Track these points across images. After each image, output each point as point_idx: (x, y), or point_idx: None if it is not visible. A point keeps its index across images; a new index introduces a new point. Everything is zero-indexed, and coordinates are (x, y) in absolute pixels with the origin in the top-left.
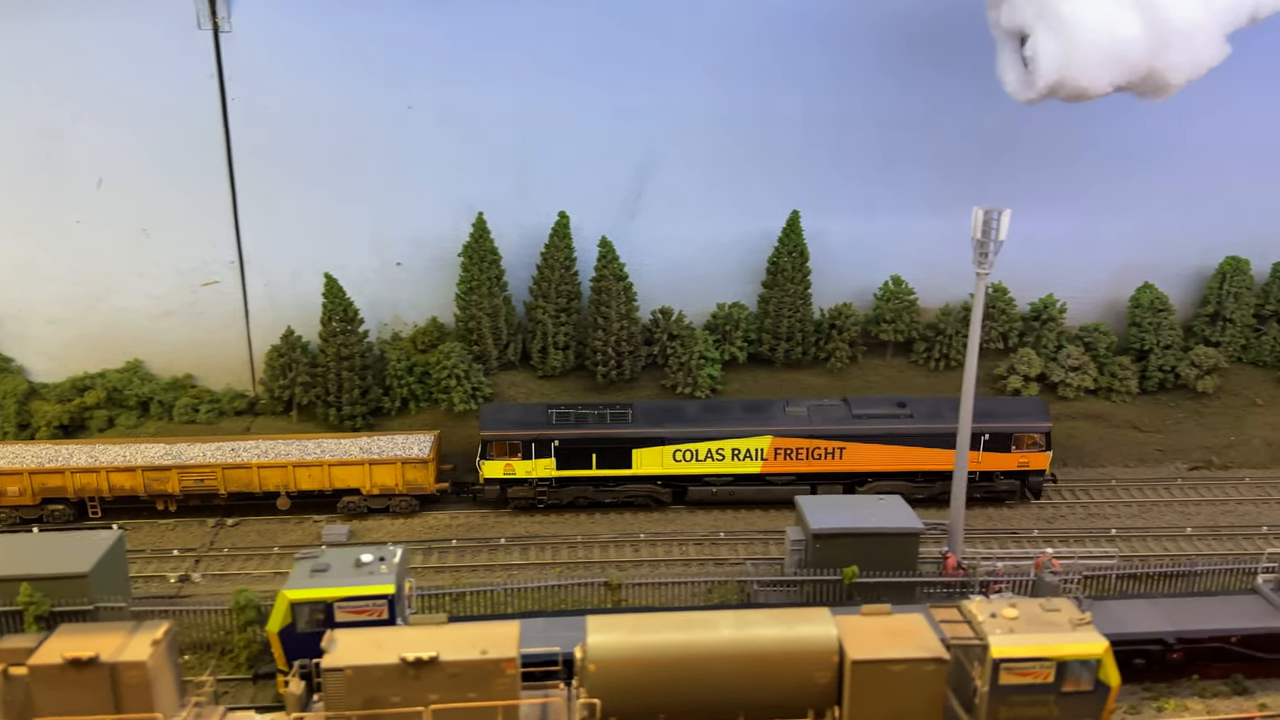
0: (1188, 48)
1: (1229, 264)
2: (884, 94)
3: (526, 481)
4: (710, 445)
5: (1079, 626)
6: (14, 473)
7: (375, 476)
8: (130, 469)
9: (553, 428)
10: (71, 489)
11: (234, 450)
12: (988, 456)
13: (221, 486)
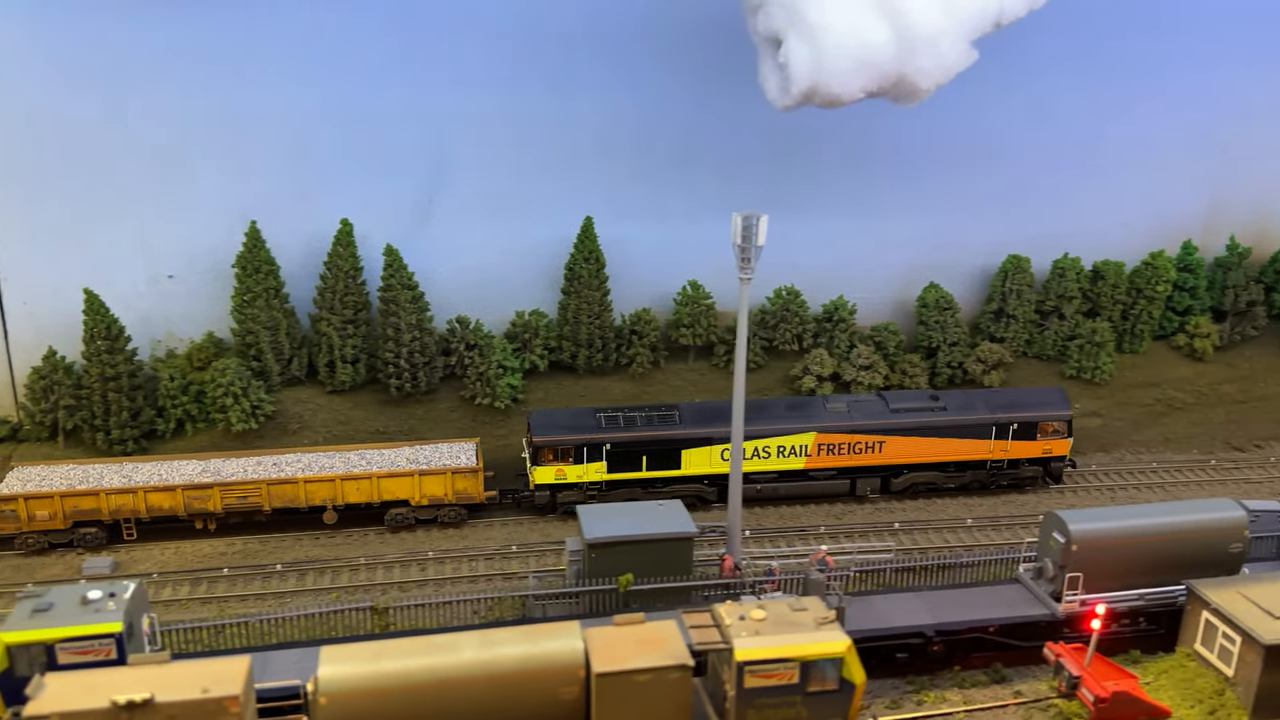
0: (934, 53)
1: (1010, 262)
2: (676, 100)
3: (577, 486)
4: (757, 443)
5: (824, 625)
6: (44, 496)
7: (424, 487)
8: (170, 488)
9: (604, 431)
10: (106, 510)
11: (276, 465)
12: (1016, 445)
13: (265, 503)
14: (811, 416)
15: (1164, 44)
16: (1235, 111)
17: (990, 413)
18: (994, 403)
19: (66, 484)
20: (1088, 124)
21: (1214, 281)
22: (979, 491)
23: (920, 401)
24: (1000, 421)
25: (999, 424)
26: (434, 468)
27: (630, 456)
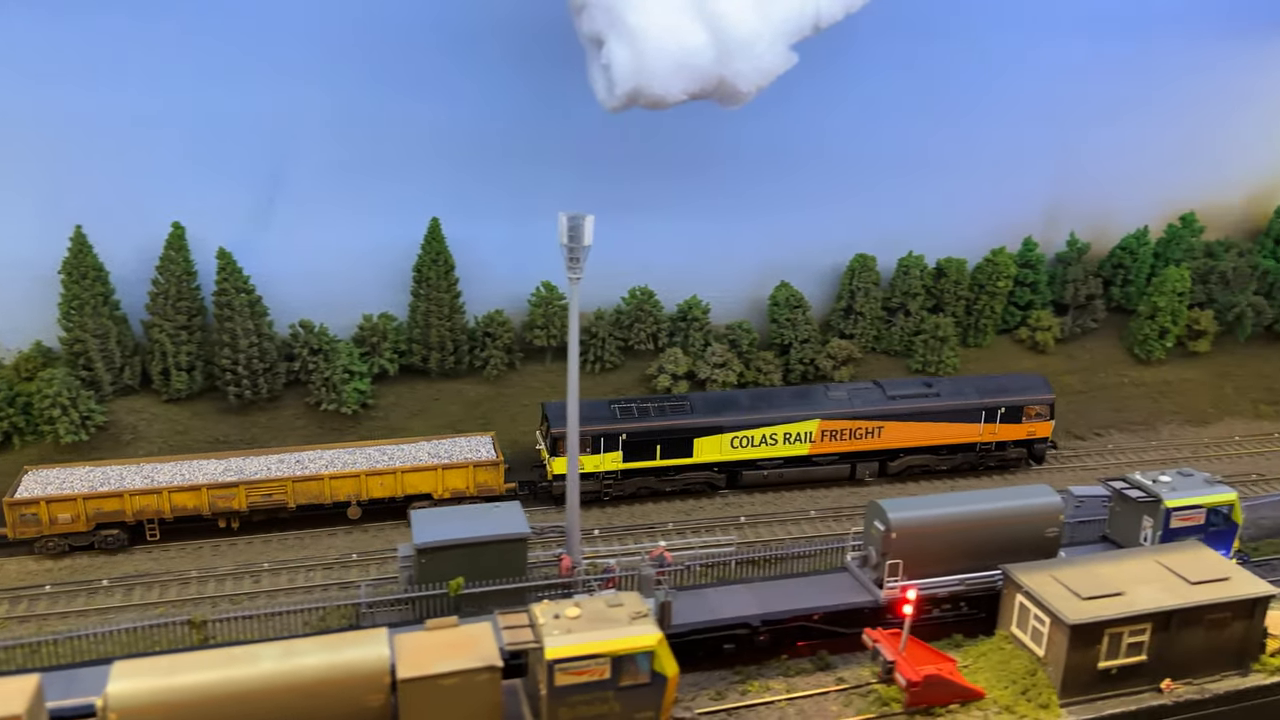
0: (751, 56)
1: (857, 261)
2: (525, 99)
3: (594, 475)
4: (765, 431)
5: (637, 620)
6: (66, 498)
7: (447, 481)
8: (195, 488)
9: (620, 422)
10: (130, 512)
11: (299, 462)
12: (1003, 428)
13: (290, 500)
14: (815, 404)
15: (1007, 47)
16: (1076, 112)
17: (980, 398)
18: (982, 388)
19: (88, 486)
20: (933, 125)
21: (1055, 276)
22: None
23: (915, 389)
24: (989, 406)
25: (988, 408)
26: (456, 461)
27: (645, 446)
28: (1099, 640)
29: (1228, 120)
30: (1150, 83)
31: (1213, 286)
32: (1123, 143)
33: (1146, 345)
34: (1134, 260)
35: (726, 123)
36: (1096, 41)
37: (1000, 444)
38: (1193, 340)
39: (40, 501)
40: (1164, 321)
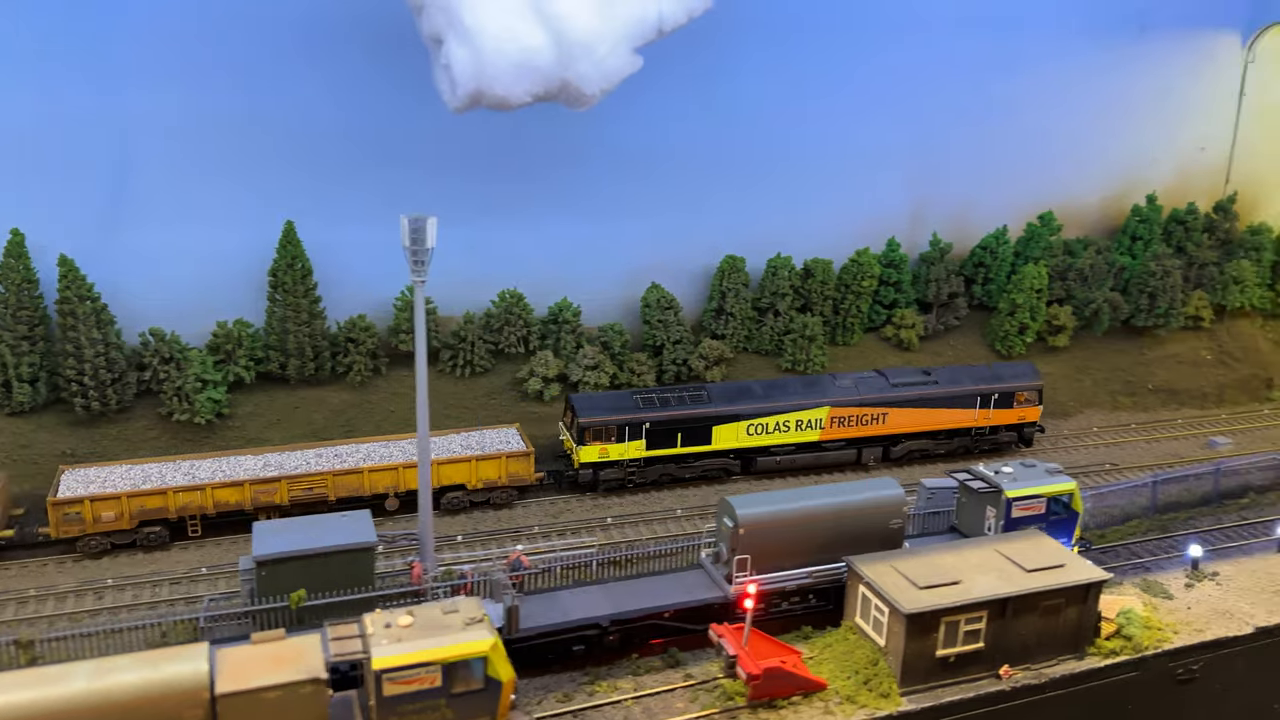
0: (592, 58)
1: (727, 263)
2: (384, 100)
3: (618, 464)
4: (778, 418)
5: (471, 626)
6: (110, 497)
7: (480, 471)
8: (238, 484)
9: (642, 411)
10: (173, 509)
11: (338, 455)
12: (996, 413)
13: (331, 493)
14: (824, 392)
15: (871, 49)
16: (938, 113)
17: (975, 385)
18: (976, 376)
19: (130, 484)
20: (801, 128)
21: (919, 276)
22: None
23: (915, 377)
24: (984, 392)
25: (982, 394)
26: (489, 453)
27: (667, 434)
28: (936, 629)
29: (1086, 121)
30: (1010, 84)
31: (1071, 283)
32: (984, 143)
33: (1007, 341)
34: (994, 259)
35: (596, 124)
36: (958, 42)
37: (994, 428)
38: (1052, 335)
39: (85, 500)
40: (1023, 318)
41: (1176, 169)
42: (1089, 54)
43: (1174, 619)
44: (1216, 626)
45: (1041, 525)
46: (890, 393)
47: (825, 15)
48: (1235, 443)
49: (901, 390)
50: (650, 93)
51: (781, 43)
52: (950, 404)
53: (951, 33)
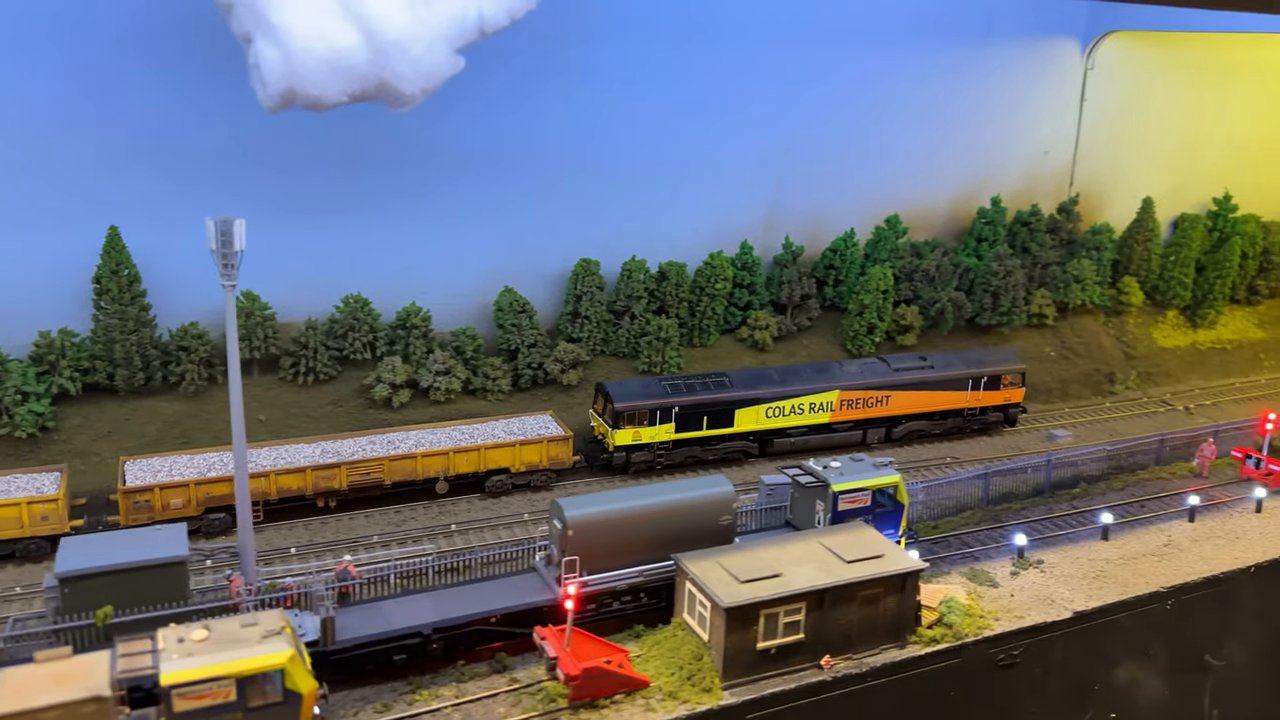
0: (408, 58)
1: (581, 266)
2: (214, 101)
3: (649, 446)
4: (793, 402)
5: (268, 639)
6: (178, 485)
7: (523, 455)
8: (300, 470)
9: (671, 396)
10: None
11: (390, 442)
12: (985, 395)
13: (386, 478)
14: (834, 378)
15: (719, 57)
16: (789, 120)
17: (966, 369)
18: (967, 361)
19: (196, 472)
20: (657, 131)
21: (773, 278)
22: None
23: (914, 362)
24: (974, 376)
25: (973, 378)
26: (532, 437)
27: (694, 417)
28: (755, 621)
29: (934, 127)
30: (861, 90)
31: (918, 283)
32: (836, 149)
33: (857, 340)
34: (843, 261)
35: (444, 125)
36: (808, 48)
37: (983, 409)
38: (901, 334)
39: (154, 489)
40: (871, 318)
41: (1022, 172)
42: (936, 61)
43: (997, 606)
44: (1037, 612)
45: (868, 518)
46: (892, 377)
47: (676, 18)
48: (1075, 435)
49: (902, 375)
50: (500, 94)
51: (633, 45)
52: (945, 387)
53: (802, 39)
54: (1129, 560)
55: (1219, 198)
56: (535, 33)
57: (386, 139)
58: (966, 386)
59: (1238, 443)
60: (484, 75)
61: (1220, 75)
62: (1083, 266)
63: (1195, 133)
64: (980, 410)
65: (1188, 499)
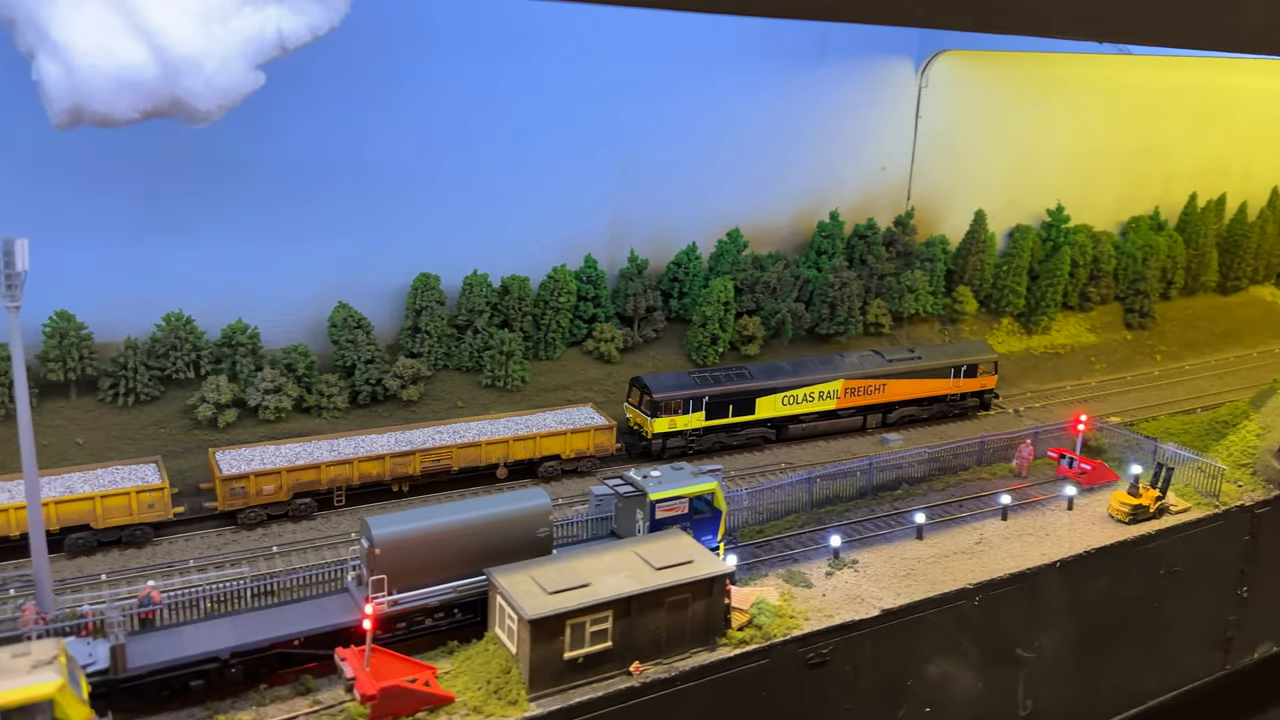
0: (201, 75)
1: (420, 281)
2: (15, 110)
3: (682, 433)
4: (805, 390)
5: (37, 669)
6: (271, 472)
7: (573, 443)
8: (379, 457)
9: (701, 388)
10: (324, 481)
11: (456, 432)
12: (964, 382)
13: (454, 464)
14: (838, 368)
15: (563, 72)
16: (632, 137)
17: (948, 359)
18: (948, 352)
19: (286, 461)
20: (500, 146)
21: (619, 291)
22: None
23: (904, 354)
24: (955, 365)
25: (955, 366)
26: (580, 426)
27: (721, 406)
28: (561, 632)
29: (775, 143)
30: (703, 107)
31: (759, 295)
32: (680, 164)
33: (702, 351)
34: (687, 274)
35: (268, 140)
36: (649, 65)
37: (963, 395)
38: (745, 345)
39: (250, 476)
40: (714, 329)
41: (860, 187)
42: (773, 81)
43: (808, 606)
44: (846, 611)
45: (686, 525)
46: (886, 367)
47: (514, 34)
48: (906, 438)
49: (895, 365)
50: (331, 109)
51: (472, 60)
52: (931, 375)
53: (643, 58)
54: (940, 558)
55: (1052, 209)
56: (370, 47)
57: (211, 156)
58: (949, 374)
59: (1055, 443)
60: (313, 91)
61: (1052, 91)
62: (916, 277)
63: (1029, 147)
64: (960, 396)
65: (1000, 498)
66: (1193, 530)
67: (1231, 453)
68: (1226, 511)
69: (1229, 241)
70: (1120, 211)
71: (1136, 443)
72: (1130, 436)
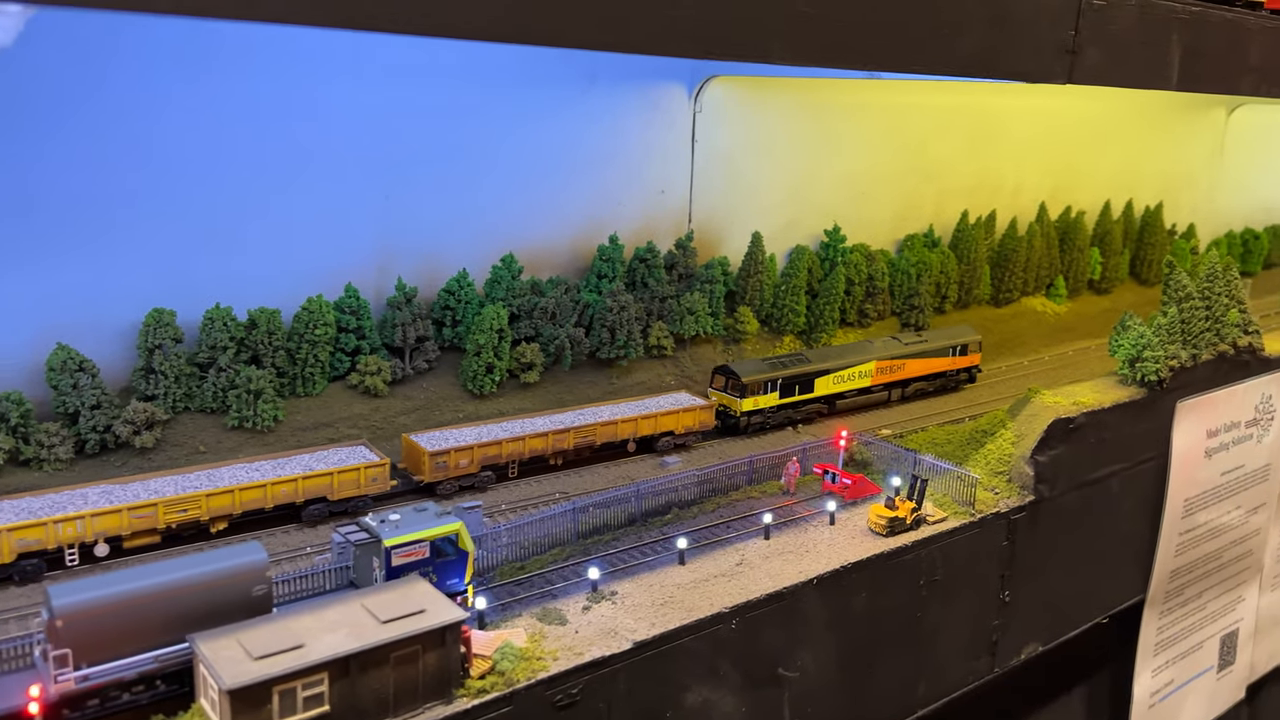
0: None
1: (152, 317)
2: None
3: (761, 411)
4: (849, 370)
5: None
6: (465, 449)
7: (683, 420)
8: (544, 435)
9: (774, 371)
10: (505, 455)
11: (595, 415)
12: (959, 360)
13: (597, 440)
14: (870, 352)
15: (316, 94)
16: (401, 160)
17: (948, 340)
18: (946, 335)
19: (475, 439)
20: (239, 174)
21: (386, 320)
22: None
23: (915, 338)
24: (954, 345)
25: (953, 346)
26: (686, 406)
27: (790, 387)
28: (268, 700)
29: (552, 168)
30: (475, 132)
31: (538, 321)
32: (453, 191)
33: (478, 381)
34: (459, 301)
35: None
36: (415, 90)
37: (958, 370)
38: (524, 372)
39: (450, 451)
40: (488, 357)
41: (641, 211)
42: (543, 106)
43: (559, 645)
44: (599, 646)
45: (429, 569)
46: (904, 349)
47: (254, 55)
48: (686, 459)
49: (910, 347)
50: (32, 131)
51: (205, 79)
52: (936, 355)
53: (407, 77)
54: (700, 583)
55: (829, 229)
56: (83, 70)
57: None
58: (949, 354)
59: (822, 459)
60: (13, 113)
61: (826, 115)
62: (695, 299)
63: (806, 169)
64: (956, 371)
65: (764, 517)
66: (950, 539)
67: (989, 461)
68: (983, 519)
69: (1000, 255)
70: (896, 230)
71: (899, 455)
72: (892, 449)
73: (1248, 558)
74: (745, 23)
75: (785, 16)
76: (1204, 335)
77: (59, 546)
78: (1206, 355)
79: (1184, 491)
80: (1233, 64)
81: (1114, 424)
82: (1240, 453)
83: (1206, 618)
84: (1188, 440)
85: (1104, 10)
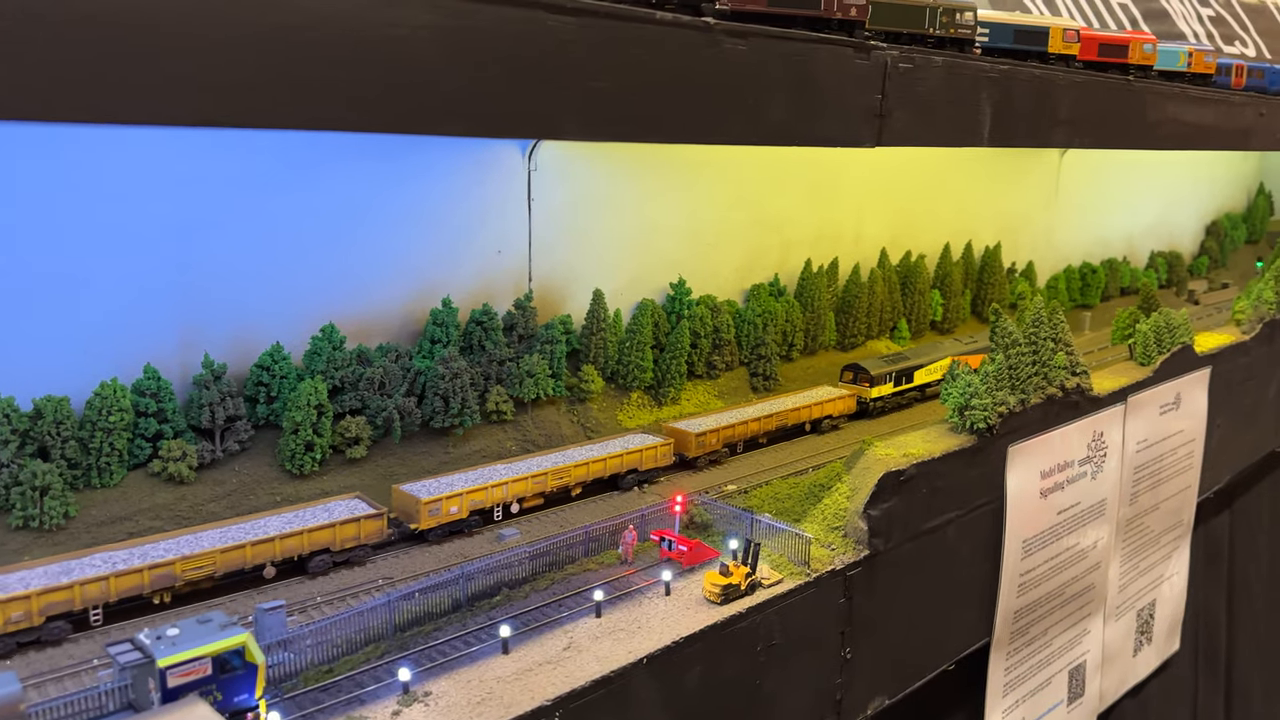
0: None
1: None
2: None
3: (883, 398)
4: (932, 366)
5: None
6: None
7: (826, 409)
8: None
9: (890, 366)
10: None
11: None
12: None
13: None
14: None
15: (98, 165)
16: (204, 230)
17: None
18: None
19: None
20: (23, 247)
21: (193, 401)
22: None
23: (968, 339)
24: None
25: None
26: (825, 398)
27: (899, 378)
28: None
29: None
30: (293, 198)
31: (364, 393)
32: (269, 259)
33: (297, 460)
34: (273, 376)
35: None
36: (226, 157)
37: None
38: (350, 447)
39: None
40: (306, 435)
41: (477, 272)
42: (364, 168)
43: None
44: None
45: (212, 687)
46: (962, 348)
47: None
48: (525, 532)
49: (967, 345)
50: None
51: None
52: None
53: (208, 141)
54: (523, 674)
55: (674, 282)
56: None
57: None
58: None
59: (660, 524)
60: None
61: (670, 170)
62: (534, 361)
63: (648, 224)
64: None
65: (594, 593)
66: (787, 601)
67: (826, 516)
68: (819, 578)
69: (844, 302)
70: (742, 281)
71: (737, 516)
72: (732, 510)
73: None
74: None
75: (580, 94)
76: (1032, 380)
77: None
78: (1035, 399)
79: (1021, 533)
80: (1044, 118)
81: (946, 473)
82: (1075, 491)
83: (1054, 653)
84: (1021, 483)
85: (910, 73)
